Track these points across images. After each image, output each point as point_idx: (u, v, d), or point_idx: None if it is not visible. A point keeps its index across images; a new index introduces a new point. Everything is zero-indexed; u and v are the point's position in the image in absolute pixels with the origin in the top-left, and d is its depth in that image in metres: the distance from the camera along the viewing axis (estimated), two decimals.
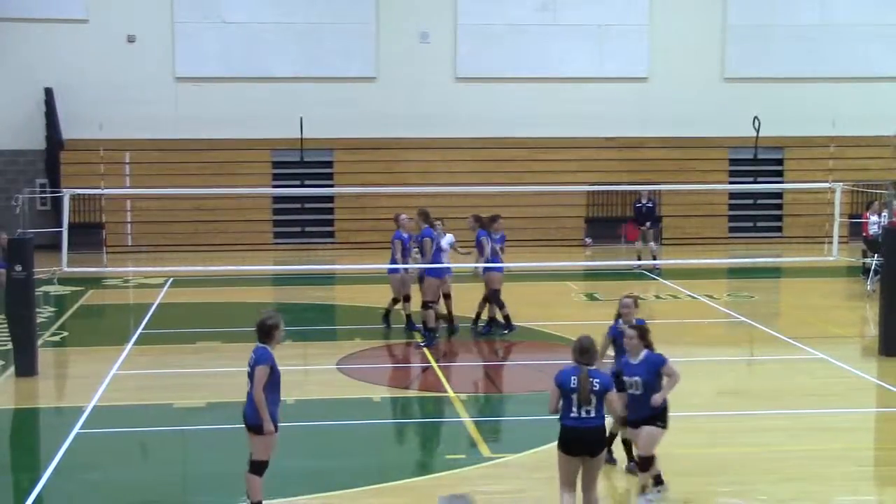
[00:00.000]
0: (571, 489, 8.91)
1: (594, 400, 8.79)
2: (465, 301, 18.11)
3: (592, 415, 8.79)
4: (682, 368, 15.78)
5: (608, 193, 29.64)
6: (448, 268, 17.16)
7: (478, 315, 18.04)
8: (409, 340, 17.52)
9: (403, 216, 17.84)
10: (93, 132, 28.09)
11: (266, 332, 9.39)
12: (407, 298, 17.75)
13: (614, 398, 9.02)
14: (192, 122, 29.46)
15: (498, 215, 18.08)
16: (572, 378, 8.82)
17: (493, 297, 17.70)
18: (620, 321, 10.83)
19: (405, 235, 17.58)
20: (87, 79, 29.11)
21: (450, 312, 17.52)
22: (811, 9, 31.17)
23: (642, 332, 9.88)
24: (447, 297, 17.45)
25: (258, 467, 9.42)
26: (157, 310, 20.32)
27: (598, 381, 8.85)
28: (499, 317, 17.84)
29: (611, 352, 10.88)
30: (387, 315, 18.25)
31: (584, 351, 8.91)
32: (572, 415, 8.79)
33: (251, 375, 9.28)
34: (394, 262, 17.43)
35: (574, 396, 8.76)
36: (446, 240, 17.63)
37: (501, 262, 17.73)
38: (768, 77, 30.88)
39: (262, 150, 29.80)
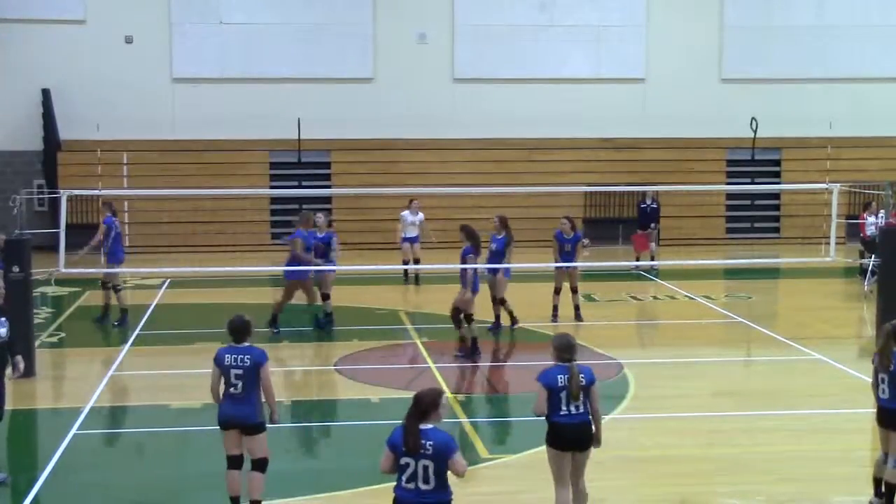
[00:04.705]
0: (566, 484, 8.98)
1: (582, 395, 8.86)
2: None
3: (581, 410, 8.86)
4: (681, 369, 15.98)
5: (606, 194, 29.64)
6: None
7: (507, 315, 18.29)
8: (405, 341, 17.53)
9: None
10: (90, 133, 28.06)
11: (244, 330, 9.42)
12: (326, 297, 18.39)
13: (597, 392, 9.04)
14: (189, 123, 29.44)
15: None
16: (559, 377, 8.85)
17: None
18: None
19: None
20: (84, 80, 29.09)
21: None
22: (808, 10, 31.20)
23: None
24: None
25: (265, 465, 9.49)
26: (154, 311, 20.30)
27: (583, 376, 8.91)
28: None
29: None
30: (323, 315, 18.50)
31: (570, 348, 8.97)
32: (562, 412, 8.84)
33: (243, 377, 9.28)
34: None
35: (563, 394, 8.81)
36: (417, 217, 22.75)
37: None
38: (766, 78, 30.90)
39: (260, 150, 29.78)
